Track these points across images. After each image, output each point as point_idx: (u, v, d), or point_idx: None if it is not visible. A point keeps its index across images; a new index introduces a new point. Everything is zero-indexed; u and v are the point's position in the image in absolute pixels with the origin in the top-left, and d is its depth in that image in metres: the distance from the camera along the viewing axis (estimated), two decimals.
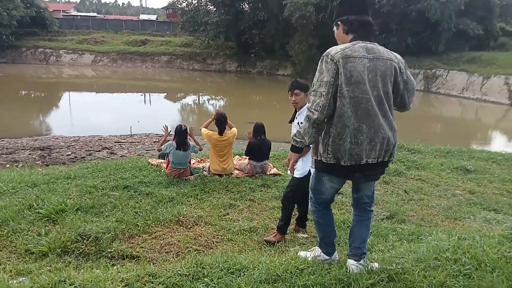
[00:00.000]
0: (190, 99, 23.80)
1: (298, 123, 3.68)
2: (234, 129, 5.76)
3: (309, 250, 2.89)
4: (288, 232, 4.00)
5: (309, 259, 2.58)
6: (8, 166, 8.13)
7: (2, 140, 10.78)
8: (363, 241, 2.54)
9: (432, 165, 6.58)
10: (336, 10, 2.46)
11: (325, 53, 2.25)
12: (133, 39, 36.75)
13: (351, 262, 2.49)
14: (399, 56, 2.39)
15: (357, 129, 2.20)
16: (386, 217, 4.45)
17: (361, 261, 2.46)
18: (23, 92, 22.28)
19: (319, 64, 2.26)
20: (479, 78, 22.73)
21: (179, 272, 2.28)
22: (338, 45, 2.36)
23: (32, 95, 22.32)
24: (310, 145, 2.42)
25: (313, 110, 2.20)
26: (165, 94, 24.34)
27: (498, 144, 12.85)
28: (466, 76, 23.61)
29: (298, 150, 2.41)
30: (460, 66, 24.56)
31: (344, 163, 2.24)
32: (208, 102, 22.61)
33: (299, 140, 2.34)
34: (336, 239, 3.66)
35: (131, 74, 30.72)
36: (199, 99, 23.92)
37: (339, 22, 2.41)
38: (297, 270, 2.33)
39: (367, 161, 2.26)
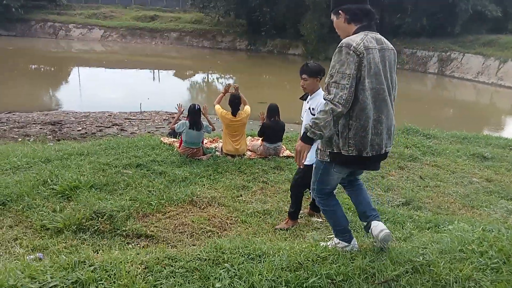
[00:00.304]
0: (199, 77, 23.60)
1: (309, 108, 3.58)
2: (248, 108, 5.67)
3: (327, 239, 2.83)
4: (302, 216, 3.97)
5: (329, 247, 2.53)
6: (20, 140, 8.17)
7: (13, 114, 10.81)
8: (371, 203, 2.67)
9: (448, 151, 6.45)
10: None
11: (344, 43, 2.17)
12: (142, 15, 36.23)
13: (375, 224, 2.51)
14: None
15: (376, 119, 2.23)
16: (402, 203, 4.38)
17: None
18: (33, 66, 22.23)
19: (337, 54, 2.18)
20: (495, 62, 22.15)
21: (199, 257, 2.25)
22: (338, 33, 2.37)
23: (42, 69, 22.27)
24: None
25: (336, 103, 2.12)
26: (174, 71, 24.15)
27: None
28: (482, 59, 23.01)
29: (312, 141, 2.22)
30: (476, 49, 23.90)
31: (366, 154, 2.25)
32: (218, 81, 22.40)
33: (317, 132, 2.15)
34: (352, 224, 3.64)
35: (141, 50, 30.46)
36: (208, 77, 23.71)
37: (340, 11, 2.32)
38: (319, 258, 2.28)
39: (385, 150, 2.33)
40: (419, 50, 26.35)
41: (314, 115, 3.13)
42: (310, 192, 3.87)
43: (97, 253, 2.73)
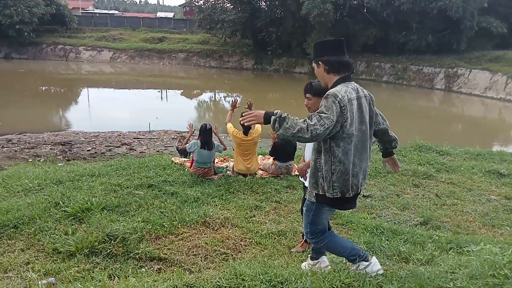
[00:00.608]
0: (206, 96, 23.80)
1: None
2: (259, 127, 5.64)
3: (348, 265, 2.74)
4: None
5: (354, 271, 2.45)
6: (30, 160, 8.20)
7: (24, 135, 10.91)
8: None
9: (462, 168, 6.33)
10: (315, 50, 2.57)
11: (331, 93, 2.32)
12: (151, 36, 36.95)
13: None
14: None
15: (354, 163, 2.42)
16: (420, 223, 4.26)
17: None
18: (44, 88, 22.62)
19: (324, 100, 2.32)
20: (503, 78, 22.08)
21: (219, 284, 2.16)
22: (318, 79, 2.68)
23: (52, 90, 22.62)
24: None
25: (310, 130, 2.19)
26: (182, 90, 24.39)
27: None
28: (489, 75, 22.96)
29: (268, 121, 2.27)
30: (482, 65, 23.89)
31: (348, 195, 2.44)
32: (225, 99, 22.55)
33: (278, 126, 2.23)
34: (371, 245, 3.54)
35: (149, 71, 30.90)
36: (215, 96, 23.89)
37: (320, 62, 2.51)
38: (344, 285, 2.19)
39: (361, 189, 2.55)
40: (425, 67, 26.43)
41: None
42: None
43: (111, 279, 2.66)
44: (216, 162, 5.92)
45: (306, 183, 3.14)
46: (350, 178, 2.39)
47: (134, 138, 11.02)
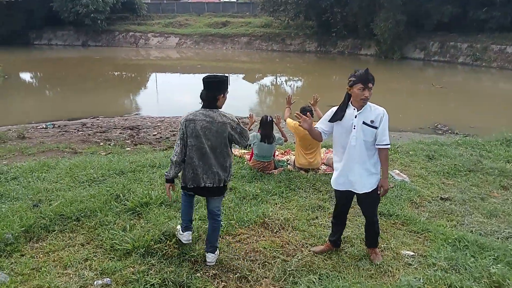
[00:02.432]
0: (268, 80, 23.48)
1: (364, 122, 3.01)
2: None
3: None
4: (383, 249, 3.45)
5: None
6: (101, 144, 8.57)
7: (97, 119, 11.47)
8: (215, 241, 3.21)
9: None
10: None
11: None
12: (214, 21, 37.28)
13: (209, 256, 3.18)
14: (232, 118, 3.19)
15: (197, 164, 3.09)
16: None
17: (215, 253, 3.20)
18: (116, 73, 23.82)
19: None
20: None
21: None
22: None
23: (124, 75, 23.76)
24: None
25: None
26: (244, 75, 24.32)
27: None
28: None
29: None
30: None
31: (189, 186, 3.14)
32: (286, 83, 22.09)
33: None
34: (453, 262, 3.06)
35: (212, 55, 31.27)
36: (277, 80, 23.50)
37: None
38: None
39: (205, 185, 3.08)
40: (509, 46, 23.63)
41: (376, 127, 2.99)
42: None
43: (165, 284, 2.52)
44: (277, 155, 5.64)
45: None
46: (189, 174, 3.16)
47: None
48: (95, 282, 2.89)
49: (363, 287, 2.76)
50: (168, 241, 3.33)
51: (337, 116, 3.11)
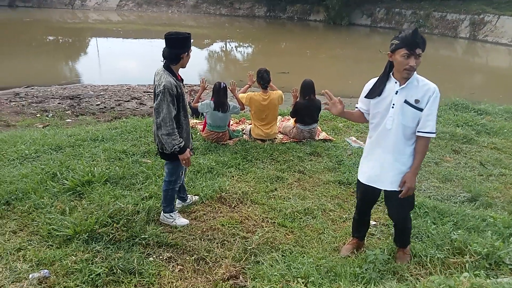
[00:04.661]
0: (217, 46, 22.68)
1: (407, 101, 2.32)
2: (279, 91, 5.00)
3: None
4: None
5: None
6: (38, 115, 7.76)
7: (32, 88, 10.39)
8: (163, 200, 3.19)
9: (505, 130, 5.67)
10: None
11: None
12: None
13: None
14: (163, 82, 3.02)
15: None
16: (467, 199, 3.71)
17: (165, 214, 3.18)
18: (50, 38, 21.76)
19: None
20: None
21: None
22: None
23: (61, 40, 21.78)
24: None
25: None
26: (192, 40, 23.29)
27: None
28: None
29: None
30: None
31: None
32: (236, 50, 21.48)
33: None
34: (415, 230, 3.02)
35: (157, 19, 29.56)
36: (226, 46, 22.77)
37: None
38: None
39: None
40: (449, 13, 24.62)
41: (421, 109, 2.30)
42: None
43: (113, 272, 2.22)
44: (231, 125, 5.35)
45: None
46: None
47: (144, 92, 10.47)
48: (31, 276, 2.50)
49: (329, 263, 2.63)
50: (115, 224, 2.97)
51: (375, 91, 2.42)
